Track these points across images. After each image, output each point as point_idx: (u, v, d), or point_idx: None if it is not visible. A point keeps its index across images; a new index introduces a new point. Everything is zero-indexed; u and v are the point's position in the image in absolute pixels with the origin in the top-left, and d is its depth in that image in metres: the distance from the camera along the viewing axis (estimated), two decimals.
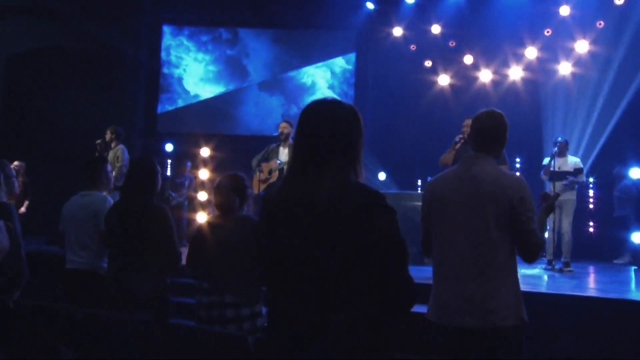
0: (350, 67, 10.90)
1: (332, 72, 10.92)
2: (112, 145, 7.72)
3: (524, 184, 2.62)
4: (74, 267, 4.01)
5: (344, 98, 10.73)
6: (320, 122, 1.83)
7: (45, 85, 10.10)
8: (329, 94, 10.73)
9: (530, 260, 2.63)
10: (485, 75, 9.75)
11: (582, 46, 9.04)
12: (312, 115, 1.85)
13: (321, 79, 10.91)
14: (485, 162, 2.67)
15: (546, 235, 2.62)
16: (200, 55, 10.95)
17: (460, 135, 6.10)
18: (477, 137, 2.75)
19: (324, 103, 1.88)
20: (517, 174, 5.20)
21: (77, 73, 10.07)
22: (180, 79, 10.92)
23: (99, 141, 7.76)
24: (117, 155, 7.58)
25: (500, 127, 2.75)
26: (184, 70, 10.94)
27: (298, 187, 1.81)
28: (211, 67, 10.94)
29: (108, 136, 7.76)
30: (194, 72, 10.91)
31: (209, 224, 3.57)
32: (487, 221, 2.54)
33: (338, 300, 1.73)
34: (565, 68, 9.16)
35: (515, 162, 9.06)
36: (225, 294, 3.32)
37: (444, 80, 10.08)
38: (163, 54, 10.92)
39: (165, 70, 10.91)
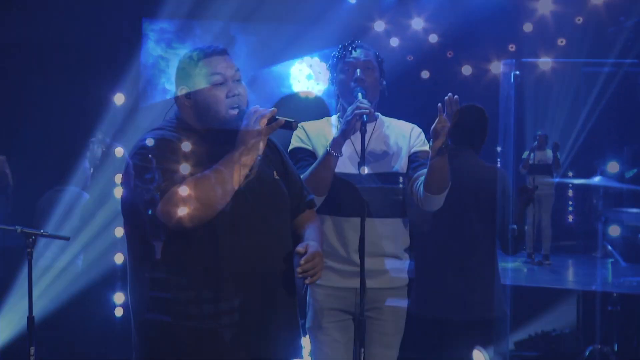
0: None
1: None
2: None
3: (504, 175, 2.63)
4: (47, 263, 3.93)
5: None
6: None
7: (19, 79, 9.88)
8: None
9: (510, 252, 2.66)
10: (466, 70, 9.77)
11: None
12: None
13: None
14: (465, 154, 2.65)
15: (525, 228, 2.70)
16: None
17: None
18: (455, 131, 2.68)
19: None
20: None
21: (54, 66, 9.86)
22: (165, 89, 10.77)
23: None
24: None
25: (478, 122, 2.75)
26: (168, 76, 10.80)
27: None
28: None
29: None
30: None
31: None
32: (468, 214, 2.54)
33: None
34: None
35: (497, 155, 9.06)
36: (201, 289, 3.26)
37: (426, 74, 10.10)
38: (149, 59, 10.77)
39: (149, 73, 10.76)
